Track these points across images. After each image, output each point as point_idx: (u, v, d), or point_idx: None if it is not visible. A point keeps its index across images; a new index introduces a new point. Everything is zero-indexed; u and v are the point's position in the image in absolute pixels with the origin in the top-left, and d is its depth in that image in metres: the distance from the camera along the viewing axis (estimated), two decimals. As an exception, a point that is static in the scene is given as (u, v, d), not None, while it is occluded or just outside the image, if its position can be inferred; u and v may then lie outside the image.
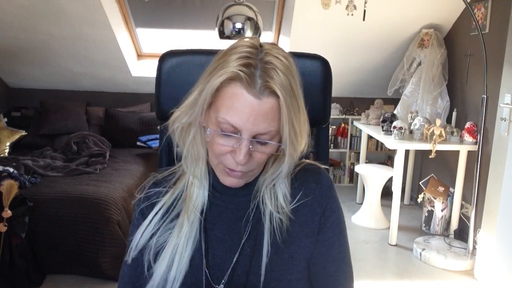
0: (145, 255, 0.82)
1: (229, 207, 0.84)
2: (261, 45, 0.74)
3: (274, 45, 0.76)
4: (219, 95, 0.73)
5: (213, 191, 0.85)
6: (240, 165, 0.74)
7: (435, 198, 3.35)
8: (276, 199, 0.82)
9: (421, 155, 4.08)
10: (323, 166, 0.88)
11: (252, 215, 0.83)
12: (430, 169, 3.84)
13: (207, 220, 0.84)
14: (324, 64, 0.97)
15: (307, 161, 0.89)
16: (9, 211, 2.36)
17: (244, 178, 0.79)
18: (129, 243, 0.85)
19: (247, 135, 0.72)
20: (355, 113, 4.46)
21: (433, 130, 3.04)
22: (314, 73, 0.96)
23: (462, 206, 3.29)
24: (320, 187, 0.84)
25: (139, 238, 0.82)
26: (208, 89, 0.72)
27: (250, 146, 0.73)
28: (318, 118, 1.00)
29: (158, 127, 0.93)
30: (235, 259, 0.82)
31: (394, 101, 4.04)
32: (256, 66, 0.71)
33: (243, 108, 0.70)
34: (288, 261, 0.81)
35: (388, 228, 3.37)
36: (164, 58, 0.98)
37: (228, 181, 0.78)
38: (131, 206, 2.80)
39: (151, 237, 0.82)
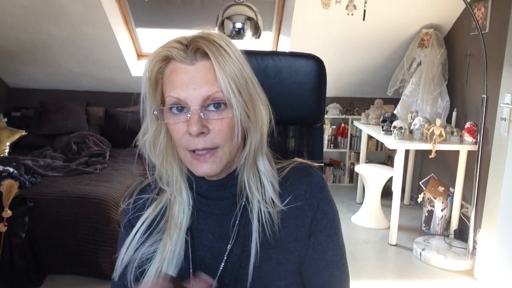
0: (128, 271, 0.81)
1: (215, 212, 0.81)
2: None
3: None
4: (162, 82, 0.75)
5: (197, 197, 0.82)
6: (196, 137, 0.71)
7: (435, 198, 3.35)
8: (263, 189, 0.79)
9: (421, 155, 4.08)
10: (316, 165, 0.84)
11: (239, 218, 0.80)
12: (430, 169, 3.84)
13: (194, 228, 0.82)
14: (318, 63, 0.97)
15: (299, 159, 0.86)
16: (9, 211, 2.36)
17: (215, 159, 0.74)
18: (116, 259, 0.83)
19: (193, 103, 0.71)
20: (355, 113, 4.46)
21: (433, 130, 3.03)
22: (309, 72, 0.96)
23: (462, 206, 3.29)
24: (311, 188, 0.80)
25: (124, 254, 0.81)
26: (145, 79, 0.75)
27: (201, 114, 0.71)
28: (313, 117, 0.99)
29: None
30: (221, 267, 0.79)
31: (394, 101, 4.04)
32: (188, 41, 0.73)
33: (181, 78, 0.72)
34: (276, 267, 0.78)
35: (388, 228, 3.37)
36: None
37: (200, 168, 0.74)
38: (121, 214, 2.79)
39: (134, 252, 0.81)
